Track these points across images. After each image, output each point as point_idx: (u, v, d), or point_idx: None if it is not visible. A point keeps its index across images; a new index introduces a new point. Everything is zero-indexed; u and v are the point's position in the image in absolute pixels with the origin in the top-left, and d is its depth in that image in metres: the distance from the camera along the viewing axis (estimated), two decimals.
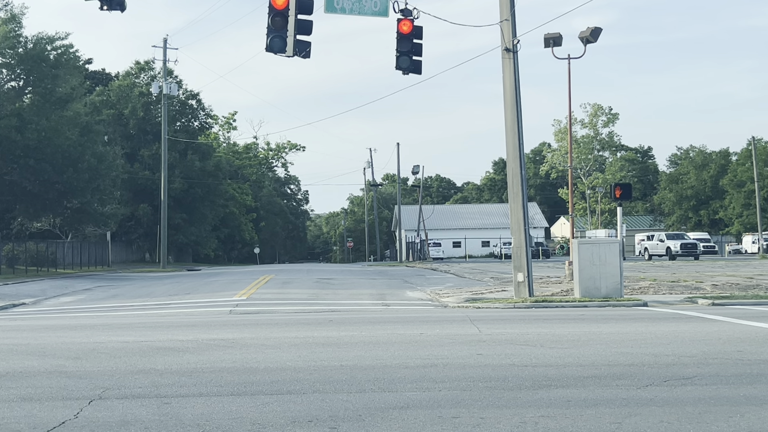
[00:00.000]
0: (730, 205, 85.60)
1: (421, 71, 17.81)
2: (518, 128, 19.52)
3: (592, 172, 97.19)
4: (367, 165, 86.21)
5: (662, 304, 18.75)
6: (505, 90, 19.68)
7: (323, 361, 10.05)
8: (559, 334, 12.39)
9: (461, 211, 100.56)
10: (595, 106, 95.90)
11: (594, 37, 24.18)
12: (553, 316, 15.82)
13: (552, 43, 25.04)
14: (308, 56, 15.37)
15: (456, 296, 21.98)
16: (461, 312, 17.26)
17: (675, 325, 13.44)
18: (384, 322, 14.56)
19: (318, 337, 12.35)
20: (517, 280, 20.06)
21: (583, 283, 19.81)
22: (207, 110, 74.89)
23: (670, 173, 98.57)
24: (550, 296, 20.90)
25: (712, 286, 23.02)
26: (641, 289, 22.58)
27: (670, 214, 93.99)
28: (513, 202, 20.05)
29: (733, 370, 9.05)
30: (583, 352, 10.45)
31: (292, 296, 23.45)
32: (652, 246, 60.07)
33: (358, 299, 22.13)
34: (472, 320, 14.81)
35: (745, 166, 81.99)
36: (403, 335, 12.39)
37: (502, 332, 12.67)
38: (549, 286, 24.97)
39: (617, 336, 12.02)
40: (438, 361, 9.93)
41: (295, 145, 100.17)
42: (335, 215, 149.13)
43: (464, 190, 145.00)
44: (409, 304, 20.57)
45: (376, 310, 18.50)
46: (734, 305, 18.09)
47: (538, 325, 13.88)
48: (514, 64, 19.37)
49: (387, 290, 25.87)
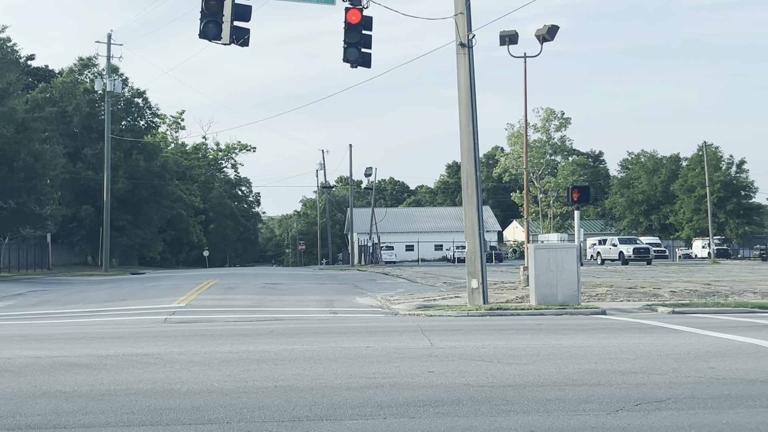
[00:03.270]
0: (680, 210, 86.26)
1: (370, 64, 16.78)
2: (473, 127, 18.61)
3: (544, 176, 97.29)
4: (319, 167, 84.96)
5: (621, 312, 18.00)
6: (460, 87, 18.75)
7: (256, 381, 8.95)
8: (517, 347, 11.45)
9: (415, 214, 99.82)
10: (547, 110, 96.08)
11: (551, 35, 23.43)
12: (508, 325, 14.91)
13: (508, 41, 24.23)
14: (246, 44, 14.20)
15: (407, 303, 20.99)
16: (412, 321, 16.26)
17: (639, 337, 12.60)
18: (329, 333, 13.49)
19: (254, 351, 11.22)
20: (471, 287, 19.13)
21: (539, 289, 18.97)
22: (154, 109, 72.91)
23: (621, 178, 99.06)
24: (505, 303, 20.03)
25: (670, 293, 22.41)
26: (598, 296, 21.86)
27: (621, 218, 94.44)
28: (467, 204, 19.13)
29: (710, 391, 8.18)
30: (543, 369, 9.51)
31: (235, 303, 22.23)
32: (604, 250, 59.90)
33: (304, 306, 21.02)
34: (424, 331, 13.81)
35: (695, 172, 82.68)
36: (347, 349, 11.33)
37: (455, 345, 11.68)
38: (503, 292, 24.13)
39: (579, 350, 11.12)
40: (385, 380, 8.90)
41: (246, 146, 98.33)
42: (288, 218, 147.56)
43: (418, 194, 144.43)
44: (358, 311, 19.52)
45: (323, 318, 17.41)
46: (695, 313, 17.41)
47: (493, 336, 12.94)
48: (469, 60, 18.45)
49: (336, 296, 24.79)
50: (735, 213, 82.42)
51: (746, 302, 19.15)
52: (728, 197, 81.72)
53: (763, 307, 17.89)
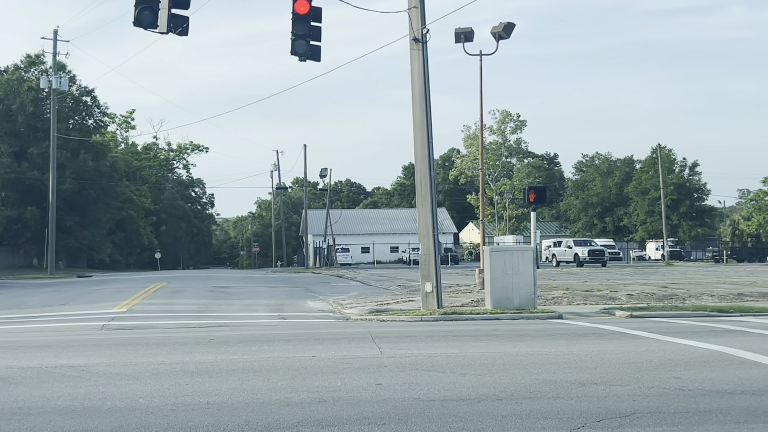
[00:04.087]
0: (634, 212, 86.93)
1: (319, 58, 16.04)
2: (427, 125, 17.99)
3: (500, 178, 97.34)
4: (273, 168, 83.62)
5: (578, 317, 17.53)
6: (414, 84, 18.11)
7: (187, 396, 8.18)
8: (471, 355, 10.82)
9: (370, 216, 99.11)
10: (503, 112, 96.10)
11: (507, 33, 22.94)
12: (463, 331, 14.30)
13: (463, 38, 23.67)
14: (185, 33, 13.35)
15: (360, 307, 20.29)
16: (363, 327, 15.56)
17: (598, 344, 12.07)
18: (274, 341, 12.72)
19: (189, 363, 10.42)
20: (424, 291, 18.50)
21: (494, 293, 18.42)
22: (103, 108, 71.02)
23: (575, 180, 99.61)
24: (460, 307, 19.45)
25: (627, 296, 22.04)
26: (555, 300, 21.39)
27: (576, 220, 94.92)
28: (421, 206, 18.50)
29: (676, 405, 7.62)
30: (499, 380, 8.89)
31: (179, 308, 21.31)
32: (560, 252, 59.86)
33: (252, 311, 20.19)
34: (375, 337, 13.13)
35: (648, 174, 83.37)
36: (291, 359, 10.60)
37: (406, 354, 11.02)
38: (458, 295, 23.56)
39: (537, 358, 10.53)
40: (329, 394, 8.19)
41: (198, 146, 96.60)
42: (243, 219, 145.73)
43: (374, 195, 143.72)
44: (308, 316, 18.77)
45: (270, 324, 16.62)
46: (653, 317, 17.00)
47: (447, 343, 12.30)
48: (423, 56, 17.83)
49: (286, 300, 23.98)
50: (688, 215, 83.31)
51: (705, 306, 18.83)
52: (681, 199, 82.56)
53: (721, 310, 17.56)
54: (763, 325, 14.85)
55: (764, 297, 21.76)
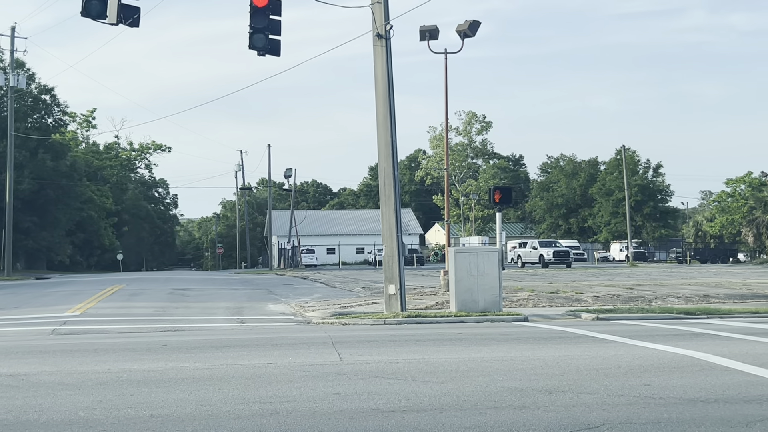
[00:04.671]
0: (598, 213, 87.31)
1: (279, 52, 15.52)
2: (391, 123, 17.56)
3: (466, 179, 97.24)
4: (238, 168, 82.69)
5: (544, 319, 17.21)
6: (377, 81, 17.68)
7: (130, 408, 7.65)
8: (435, 361, 10.40)
9: (336, 216, 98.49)
10: (469, 113, 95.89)
11: (472, 31, 22.60)
12: (427, 335, 13.88)
13: (428, 35, 23.28)
14: (136, 24, 12.75)
15: (322, 310, 19.81)
16: (324, 331, 15.09)
17: (565, 348, 11.72)
18: (229, 347, 12.19)
19: (137, 371, 9.87)
20: (388, 293, 18.07)
21: (459, 295, 18.05)
22: (63, 106, 69.58)
23: (541, 181, 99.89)
24: (425, 310, 19.06)
25: (593, 298, 21.81)
26: (520, 302, 21.09)
27: (541, 221, 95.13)
28: (385, 206, 18.07)
29: (647, 414, 7.27)
30: (463, 389, 8.48)
31: (136, 311, 20.66)
32: (525, 253, 59.83)
33: (211, 314, 19.61)
34: (335, 342, 12.67)
35: (613, 175, 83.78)
36: (245, 367, 10.09)
37: (367, 360, 10.57)
38: (423, 298, 23.17)
39: (502, 364, 10.14)
40: (282, 405, 7.72)
41: (160, 146, 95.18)
42: (208, 220, 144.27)
43: (341, 196, 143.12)
44: (268, 320, 18.23)
45: (227, 329, 16.07)
46: (620, 320, 16.74)
47: (410, 348, 11.87)
48: (387, 53, 17.40)
49: (247, 303, 23.40)
50: (652, 216, 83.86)
51: (671, 308, 18.63)
52: (645, 201, 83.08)
53: (688, 312, 17.36)
54: (731, 327, 14.64)
55: (730, 298, 21.66)
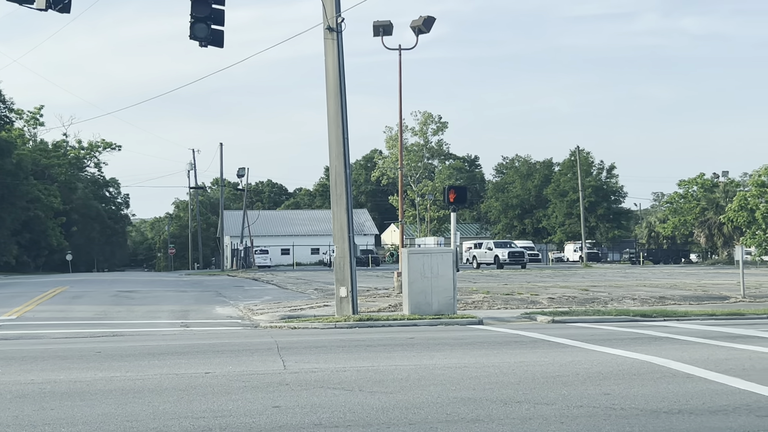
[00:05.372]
0: (553, 214, 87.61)
1: (222, 44, 14.83)
2: (343, 120, 16.97)
3: (422, 180, 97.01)
4: (190, 167, 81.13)
5: (499, 322, 16.78)
6: (328, 76, 17.07)
7: (48, 425, 6.96)
8: (384, 369, 9.84)
9: (291, 216, 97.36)
10: (425, 114, 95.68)
11: (427, 27, 22.13)
12: (378, 340, 13.32)
13: (382, 31, 22.76)
14: (67, 10, 11.96)
15: (271, 313, 19.15)
16: (271, 335, 14.44)
17: (521, 354, 11.25)
18: (167, 354, 11.49)
19: (62, 381, 9.14)
20: (339, 295, 17.48)
21: (413, 297, 17.54)
22: (8, 103, 67.57)
23: (496, 182, 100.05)
24: (377, 313, 18.51)
25: (548, 300, 21.46)
26: (475, 304, 20.65)
27: (496, 222, 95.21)
28: (336, 205, 17.47)
29: (609, 428, 6.80)
30: (413, 399, 7.93)
31: (76, 314, 19.77)
32: (480, 254, 59.60)
33: (154, 318, 18.81)
34: (281, 349, 12.04)
35: (567, 176, 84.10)
36: (181, 377, 9.42)
37: (313, 368, 9.97)
38: (376, 300, 22.61)
39: (455, 372, 9.61)
40: (216, 421, 7.09)
41: (110, 144, 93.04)
42: (160, 220, 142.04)
43: (296, 196, 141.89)
44: (213, 324, 17.50)
45: (170, 334, 15.32)
46: (576, 322, 16.38)
47: (359, 354, 11.30)
48: (338, 46, 16.80)
49: (193, 306, 22.60)
50: (605, 217, 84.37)
51: (627, 310, 18.34)
52: (599, 202, 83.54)
53: (645, 315, 17.07)
54: (688, 330, 14.34)
55: (685, 300, 21.49)
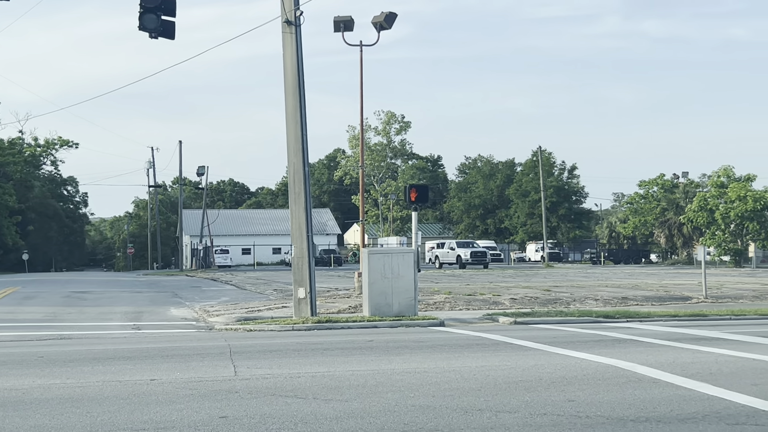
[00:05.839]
0: (515, 214, 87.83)
1: (173, 35, 14.28)
2: (301, 115, 16.50)
3: (385, 179, 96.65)
4: (149, 165, 79.97)
5: (461, 323, 16.45)
6: (286, 71, 16.59)
7: None
8: (340, 375, 9.41)
9: (252, 216, 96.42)
10: (388, 113, 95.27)
11: (388, 23, 21.75)
12: (336, 343, 12.89)
13: (342, 27, 22.33)
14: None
15: (227, 315, 18.62)
16: (225, 338, 13.93)
17: (482, 357, 10.89)
18: (113, 359, 10.94)
19: None
20: (297, 297, 17.01)
21: (373, 299, 17.13)
22: None
23: (458, 182, 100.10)
24: (337, 314, 18.08)
25: (510, 301, 21.19)
26: (437, 305, 20.31)
27: (458, 222, 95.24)
28: (294, 204, 16.99)
29: None
30: (369, 408, 7.52)
31: (25, 316, 19.07)
32: (443, 254, 59.46)
33: (106, 320, 18.17)
34: (234, 352, 11.56)
35: (529, 177, 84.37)
36: (125, 384, 8.90)
37: (265, 374, 9.50)
38: (336, 301, 22.16)
39: (414, 377, 9.22)
40: None
41: (67, 141, 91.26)
42: (120, 219, 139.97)
43: (258, 195, 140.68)
44: (166, 326, 16.93)
45: (119, 336, 14.73)
46: (539, 323, 16.10)
47: (315, 359, 10.85)
48: (296, 40, 16.33)
49: (148, 307, 21.96)
50: (566, 217, 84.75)
51: (590, 311, 18.11)
52: (560, 202, 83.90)
53: (607, 316, 16.84)
54: (652, 332, 14.12)
55: (648, 301, 21.37)
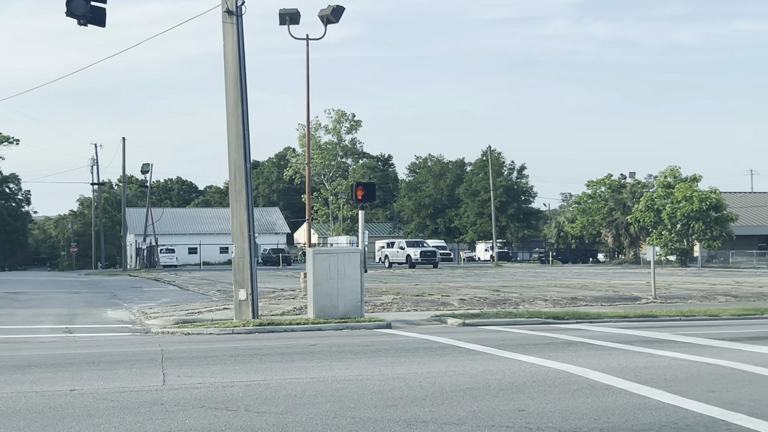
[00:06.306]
0: (465, 214, 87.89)
1: (104, 23, 13.52)
2: (243, 110, 15.84)
3: (335, 178, 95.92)
4: (92, 163, 77.96)
5: (408, 325, 15.97)
6: (227, 63, 15.91)
7: None
8: (277, 383, 8.82)
9: (199, 215, 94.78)
10: (339, 112, 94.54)
11: (335, 16, 21.16)
12: (276, 347, 12.29)
13: (288, 20, 21.68)
14: None
15: (166, 317, 17.85)
16: (160, 342, 13.22)
17: (429, 363, 10.40)
18: (33, 367, 10.18)
19: None
20: (238, 298, 16.34)
21: (318, 300, 16.55)
22: None
23: (409, 181, 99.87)
24: (280, 316, 17.47)
25: (459, 301, 20.79)
26: (384, 306, 19.80)
27: (409, 221, 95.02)
28: (235, 201, 16.31)
29: None
30: (305, 421, 6.96)
31: None
32: (392, 253, 59.04)
33: (37, 323, 17.27)
34: (166, 358, 10.89)
35: (479, 176, 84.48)
36: (41, 395, 8.19)
37: (196, 383, 8.87)
38: (281, 302, 21.52)
39: (356, 385, 8.68)
40: None
41: (7, 138, 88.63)
42: (64, 218, 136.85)
43: (207, 194, 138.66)
44: (101, 329, 16.12)
45: (48, 341, 13.91)
46: (488, 325, 15.70)
47: (252, 366, 10.24)
48: (238, 31, 15.66)
49: (83, 309, 21.05)
50: (515, 217, 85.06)
51: (540, 311, 17.79)
52: (510, 202, 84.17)
53: (557, 317, 16.52)
54: (603, 334, 13.80)
55: (597, 301, 21.15)
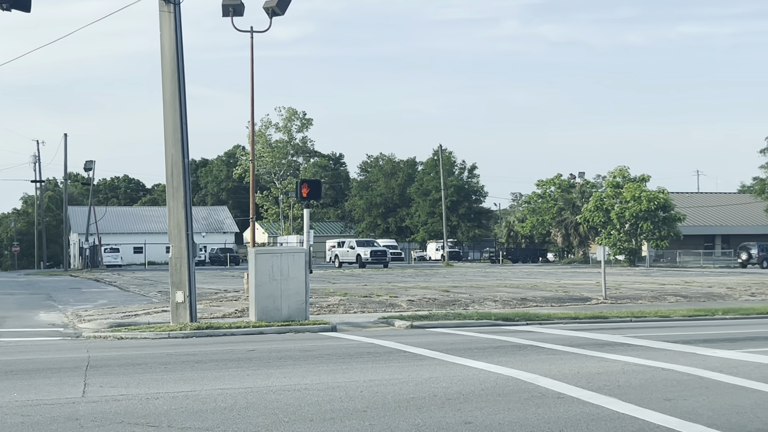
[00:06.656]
0: (416, 213, 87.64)
1: (29, 7, 12.71)
2: (180, 103, 15.09)
3: (286, 177, 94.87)
4: (34, 160, 75.85)
5: (354, 328, 15.41)
6: (164, 54, 15.14)
7: None
8: (207, 394, 8.17)
9: (145, 213, 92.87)
10: (289, 110, 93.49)
11: (281, 8, 20.44)
12: (212, 353, 11.62)
13: (232, 11, 20.92)
14: None
15: (100, 320, 17.00)
16: (88, 348, 12.45)
17: (373, 369, 9.84)
18: None
19: None
20: (175, 301, 15.59)
21: (260, 302, 15.88)
22: None
23: (360, 180, 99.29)
24: (220, 319, 16.77)
25: (408, 302, 20.28)
26: (330, 308, 19.20)
27: (360, 220, 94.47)
28: (173, 199, 15.57)
29: None
30: None
31: None
32: (342, 253, 58.40)
33: None
34: (92, 366, 10.16)
35: (430, 176, 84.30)
36: None
37: (119, 394, 8.18)
38: (222, 304, 20.77)
39: (293, 396, 8.08)
40: None
41: None
42: (7, 216, 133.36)
43: (154, 192, 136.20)
44: (29, 333, 15.24)
45: None
46: (436, 327, 15.23)
47: (182, 374, 9.57)
48: (175, 20, 14.91)
49: (14, 312, 20.05)
50: (466, 217, 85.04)
51: (489, 313, 17.36)
52: (461, 201, 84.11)
53: (507, 318, 16.11)
54: (553, 337, 13.39)
55: (547, 302, 20.83)
